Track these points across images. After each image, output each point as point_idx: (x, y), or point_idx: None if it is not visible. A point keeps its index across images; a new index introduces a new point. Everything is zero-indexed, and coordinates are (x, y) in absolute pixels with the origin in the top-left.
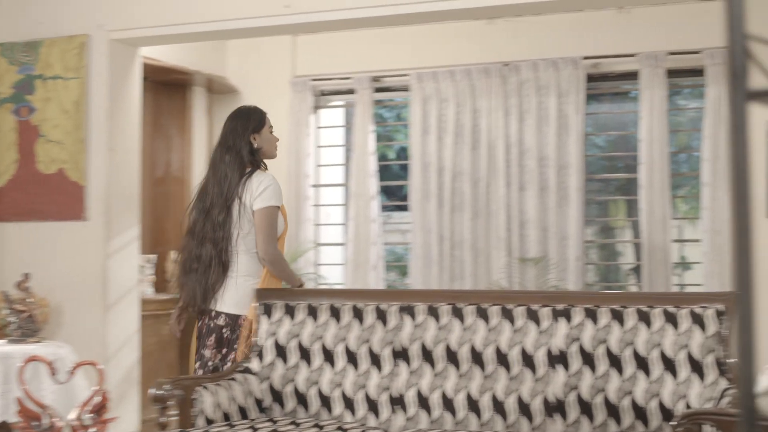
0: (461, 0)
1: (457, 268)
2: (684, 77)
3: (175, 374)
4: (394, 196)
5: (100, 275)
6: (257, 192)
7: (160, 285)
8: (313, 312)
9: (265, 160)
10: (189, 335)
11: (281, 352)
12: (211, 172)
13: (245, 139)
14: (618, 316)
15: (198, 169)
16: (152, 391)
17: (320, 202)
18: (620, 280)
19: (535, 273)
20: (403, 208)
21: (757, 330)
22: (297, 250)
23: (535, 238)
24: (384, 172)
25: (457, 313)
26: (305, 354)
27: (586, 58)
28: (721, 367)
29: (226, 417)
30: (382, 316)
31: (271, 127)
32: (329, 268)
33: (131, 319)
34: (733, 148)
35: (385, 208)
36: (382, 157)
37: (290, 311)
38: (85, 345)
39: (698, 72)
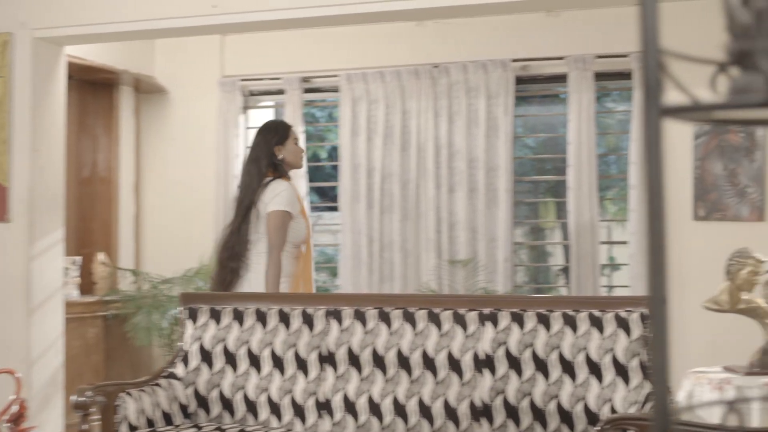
0: (390, 2)
1: (386, 269)
2: (612, 80)
3: (101, 378)
4: (326, 197)
5: (23, 278)
6: (269, 198)
7: (86, 287)
8: (239, 316)
9: (291, 170)
10: (116, 338)
11: (206, 356)
12: (239, 183)
13: (268, 151)
14: (544, 320)
15: (125, 169)
16: (74, 398)
17: None
18: (550, 281)
19: (464, 275)
20: (334, 209)
21: (685, 333)
22: None
23: (465, 239)
24: (316, 172)
25: (384, 318)
26: (231, 359)
27: (515, 60)
28: (646, 371)
29: (150, 423)
30: (308, 320)
31: (296, 139)
32: None
33: (55, 323)
34: (647, 164)
35: (316, 209)
36: (314, 158)
37: (216, 315)
38: (7, 350)
39: (626, 75)
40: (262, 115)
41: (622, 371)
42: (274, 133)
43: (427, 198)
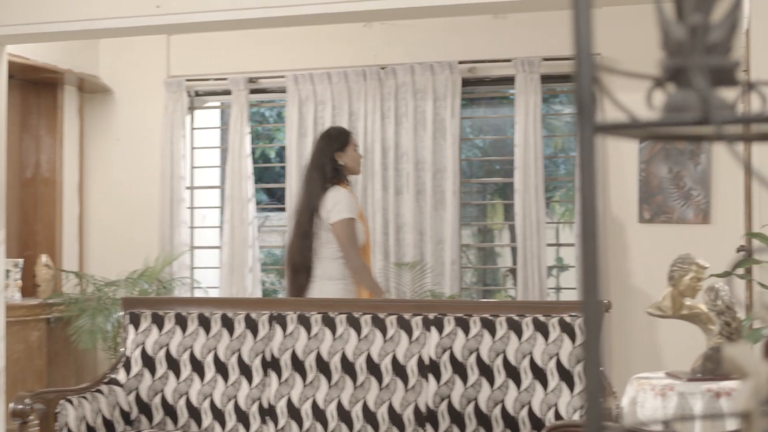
0: (337, 4)
1: None
2: (559, 83)
3: (44, 382)
4: (275, 197)
5: None
6: (330, 206)
7: (29, 290)
8: (181, 321)
9: (350, 176)
10: (59, 342)
11: (149, 362)
12: (302, 189)
13: (329, 157)
14: (489, 326)
15: (69, 170)
16: (12, 405)
17: (196, 204)
18: (498, 282)
19: (412, 277)
20: (283, 210)
21: (629, 338)
22: (172, 253)
23: (412, 241)
24: (265, 172)
25: (329, 323)
26: (174, 364)
27: (462, 62)
28: None
29: (91, 430)
30: (252, 325)
31: (356, 145)
32: (205, 271)
33: None
34: (582, 182)
35: (264, 210)
36: (263, 158)
37: (158, 320)
38: None
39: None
40: (208, 116)
41: (566, 376)
42: (336, 139)
43: (374, 200)
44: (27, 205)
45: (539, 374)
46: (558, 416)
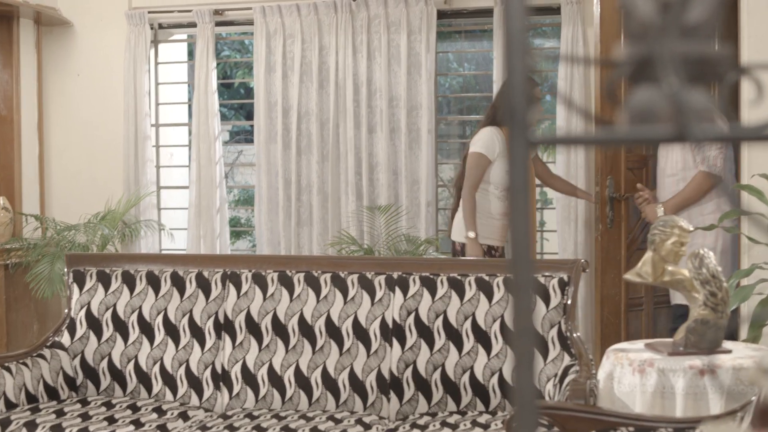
0: None
1: (304, 213)
2: (542, 15)
3: (2, 331)
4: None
5: None
6: (473, 141)
7: None
8: (129, 280)
9: None
10: (19, 288)
11: (94, 324)
12: None
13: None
14: (457, 286)
15: (27, 108)
16: None
17: (163, 142)
18: None
19: (385, 220)
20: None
21: (604, 309)
22: (137, 194)
23: (386, 182)
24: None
25: (286, 282)
26: (121, 326)
27: None
28: (565, 342)
29: (33, 399)
30: (204, 284)
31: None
32: (173, 212)
33: None
34: (512, 194)
35: (245, 140)
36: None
37: (104, 279)
38: None
39: (556, 10)
40: (172, 50)
41: (540, 342)
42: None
43: (346, 138)
44: None
45: (510, 339)
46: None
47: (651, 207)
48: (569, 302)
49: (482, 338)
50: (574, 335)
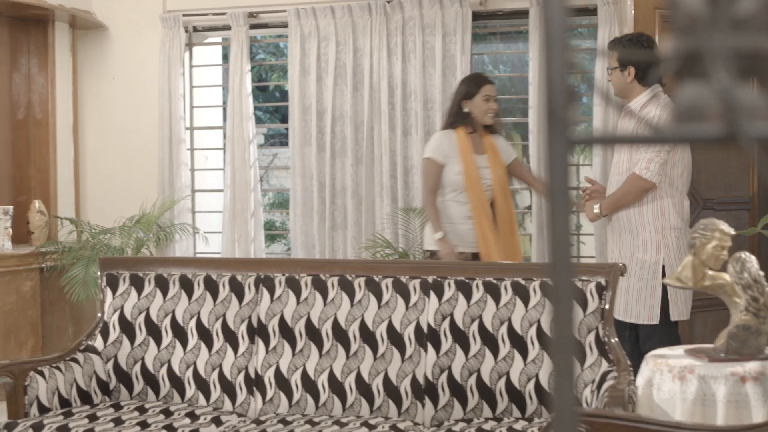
0: None
1: (338, 216)
2: (578, 15)
3: (38, 334)
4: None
5: None
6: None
7: (23, 236)
8: (162, 283)
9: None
10: (54, 291)
11: (127, 328)
12: None
13: (455, 103)
14: (493, 290)
15: (63, 111)
16: None
17: (197, 146)
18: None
19: (420, 223)
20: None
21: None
22: (172, 197)
23: (420, 185)
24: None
25: (319, 286)
26: (154, 330)
27: None
28: (602, 347)
29: (66, 403)
30: (237, 288)
31: (487, 96)
32: (207, 215)
33: None
34: (553, 202)
35: (280, 143)
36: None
37: (137, 283)
38: None
39: (592, 11)
40: (207, 53)
41: (577, 348)
42: (464, 87)
43: (381, 141)
44: (19, 148)
45: (547, 344)
46: None
47: (589, 204)
48: (607, 307)
49: (518, 343)
50: (612, 340)
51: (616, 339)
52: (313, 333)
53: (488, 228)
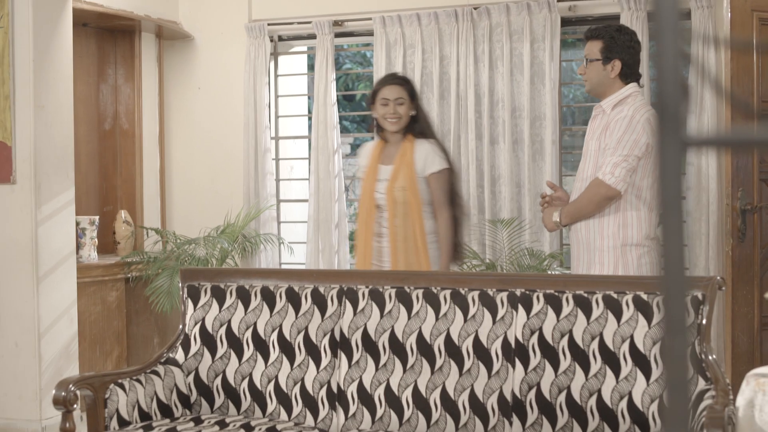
0: None
1: None
2: None
3: (123, 344)
4: None
5: (30, 243)
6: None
7: (109, 247)
8: (243, 295)
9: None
10: (140, 301)
11: (208, 340)
12: None
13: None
14: (584, 304)
15: (149, 121)
16: (55, 392)
17: (283, 155)
18: None
19: (508, 234)
20: None
21: (736, 328)
22: (257, 207)
23: (508, 195)
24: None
25: (404, 299)
26: (235, 343)
27: (561, 0)
28: (699, 365)
29: (146, 416)
30: (319, 300)
31: (383, 99)
32: (293, 226)
33: (67, 290)
34: (665, 211)
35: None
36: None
37: (218, 294)
38: (15, 321)
39: (686, 15)
40: (292, 62)
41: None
42: (372, 90)
43: (468, 150)
44: (106, 158)
45: (640, 361)
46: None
47: (548, 211)
48: (704, 322)
49: (610, 360)
50: (710, 358)
51: (714, 356)
52: (397, 347)
53: (366, 245)
